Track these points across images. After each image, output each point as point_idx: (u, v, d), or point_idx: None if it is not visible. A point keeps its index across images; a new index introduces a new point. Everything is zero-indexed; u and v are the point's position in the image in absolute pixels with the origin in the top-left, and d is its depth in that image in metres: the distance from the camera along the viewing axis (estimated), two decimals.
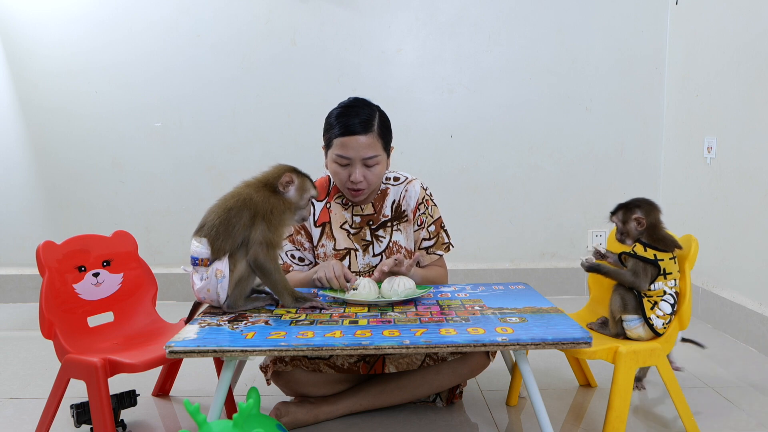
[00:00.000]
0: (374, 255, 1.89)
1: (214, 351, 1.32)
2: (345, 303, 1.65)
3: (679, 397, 1.67)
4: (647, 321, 1.64)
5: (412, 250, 1.94)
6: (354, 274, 1.79)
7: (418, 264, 1.90)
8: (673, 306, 1.65)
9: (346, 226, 1.90)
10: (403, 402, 1.86)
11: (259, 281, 1.65)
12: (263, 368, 1.84)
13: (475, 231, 3.37)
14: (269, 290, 1.66)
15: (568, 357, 2.07)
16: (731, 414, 1.86)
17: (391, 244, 1.89)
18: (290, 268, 1.91)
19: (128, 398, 1.77)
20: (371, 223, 1.91)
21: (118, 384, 1.82)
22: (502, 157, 3.33)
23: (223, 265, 1.54)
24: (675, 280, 1.66)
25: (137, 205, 3.33)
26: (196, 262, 1.57)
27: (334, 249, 1.88)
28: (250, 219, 1.55)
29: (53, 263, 1.69)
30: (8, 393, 2.07)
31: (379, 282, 1.70)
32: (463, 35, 3.25)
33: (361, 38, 3.24)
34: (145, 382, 2.02)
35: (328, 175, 1.96)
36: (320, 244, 1.90)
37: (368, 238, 1.90)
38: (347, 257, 1.89)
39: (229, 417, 1.40)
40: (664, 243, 1.66)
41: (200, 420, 1.21)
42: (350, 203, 1.91)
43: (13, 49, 3.21)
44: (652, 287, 1.65)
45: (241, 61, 3.24)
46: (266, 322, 1.48)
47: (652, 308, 1.64)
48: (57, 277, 1.70)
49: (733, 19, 2.65)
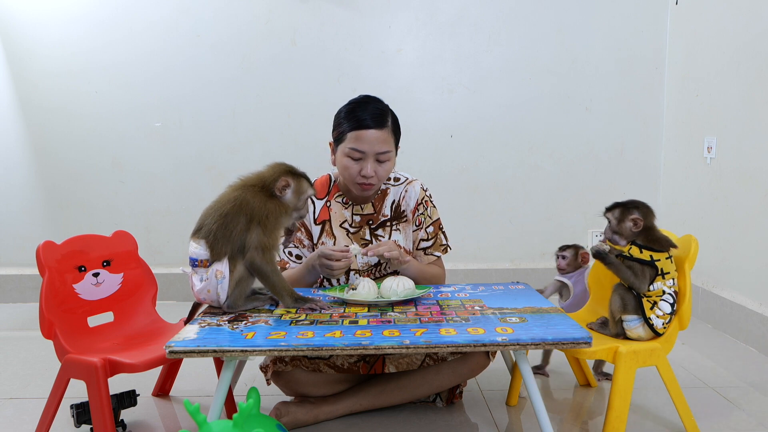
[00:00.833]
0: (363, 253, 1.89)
1: (214, 351, 1.32)
2: (345, 303, 1.65)
3: (679, 397, 1.67)
4: (647, 321, 1.64)
5: (411, 251, 1.95)
6: (354, 246, 1.79)
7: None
8: (672, 305, 1.65)
9: (346, 225, 1.91)
10: (403, 402, 1.86)
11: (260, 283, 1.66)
12: (263, 368, 1.84)
13: (475, 231, 3.37)
14: (269, 291, 1.67)
15: (568, 357, 2.07)
16: (731, 414, 1.86)
17: None
18: (287, 265, 1.92)
19: (128, 398, 1.77)
20: (371, 222, 1.91)
21: (118, 384, 1.82)
22: (502, 157, 3.33)
23: (222, 266, 1.54)
24: (673, 280, 1.66)
25: (137, 205, 3.33)
26: (195, 264, 1.57)
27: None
28: (247, 224, 1.55)
29: (53, 263, 1.69)
30: (8, 393, 2.07)
31: (379, 282, 1.70)
32: (463, 35, 3.25)
33: (361, 38, 3.24)
34: (145, 382, 2.02)
35: (329, 174, 1.97)
36: (320, 242, 1.90)
37: (367, 237, 1.90)
38: None
39: (229, 417, 1.40)
40: (660, 243, 1.66)
41: (200, 420, 1.21)
42: (350, 202, 1.92)
43: (13, 49, 3.21)
44: (651, 287, 1.65)
45: (241, 61, 3.24)
46: (266, 322, 1.48)
47: (652, 308, 1.64)
48: (57, 277, 1.69)
49: (733, 19, 2.65)
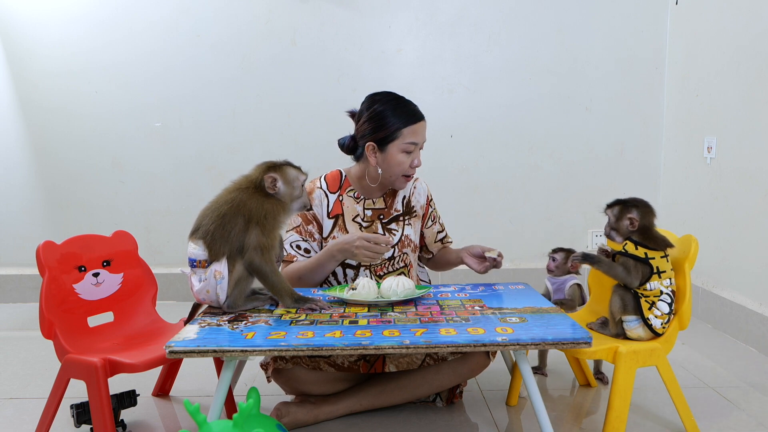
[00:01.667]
0: (391, 245, 1.90)
1: (214, 351, 1.32)
2: (345, 303, 1.66)
3: (679, 397, 1.67)
4: (645, 321, 1.64)
5: (417, 245, 2.03)
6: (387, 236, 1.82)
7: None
8: (670, 305, 1.65)
9: (358, 219, 1.93)
10: (403, 402, 1.87)
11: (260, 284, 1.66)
12: (263, 366, 1.85)
13: (475, 231, 3.36)
14: (268, 291, 1.67)
15: (568, 357, 2.08)
16: (731, 414, 1.86)
17: (403, 238, 1.94)
18: (294, 259, 1.91)
19: (128, 398, 1.77)
20: (381, 216, 1.94)
21: (118, 384, 1.82)
22: (502, 157, 3.33)
23: (221, 267, 1.55)
24: (670, 279, 1.66)
25: (137, 205, 3.33)
26: (194, 264, 1.57)
27: None
28: (245, 224, 1.55)
29: (53, 263, 1.69)
30: (8, 393, 2.07)
31: (379, 282, 1.71)
32: (463, 35, 3.25)
33: (361, 38, 3.24)
34: (145, 382, 2.02)
35: (339, 170, 1.99)
36: (332, 236, 1.91)
37: (380, 231, 1.93)
38: None
39: (229, 417, 1.40)
40: (655, 242, 1.67)
41: (200, 420, 1.21)
42: (362, 197, 1.95)
43: (13, 49, 3.21)
44: (649, 287, 1.65)
45: (241, 61, 3.24)
46: (266, 322, 1.48)
47: (650, 308, 1.64)
48: (57, 277, 1.69)
49: (733, 19, 2.65)
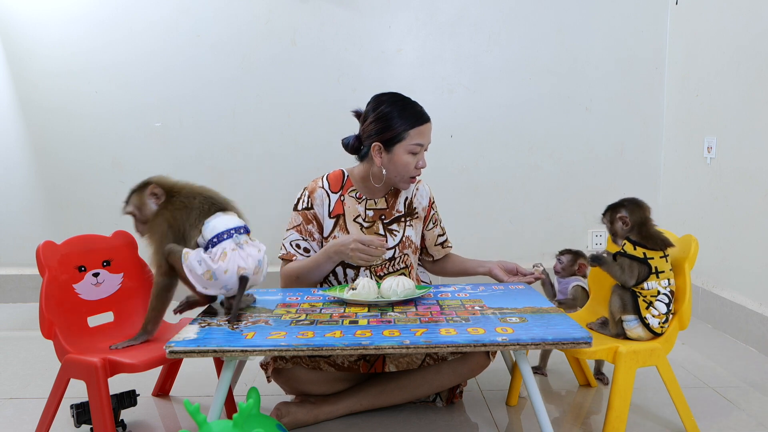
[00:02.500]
0: (388, 248, 1.91)
1: (214, 351, 1.32)
2: (345, 303, 1.66)
3: (679, 397, 1.67)
4: (643, 321, 1.65)
5: (418, 246, 2.03)
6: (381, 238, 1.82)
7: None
8: (668, 305, 1.65)
9: (359, 220, 1.93)
10: (403, 402, 1.87)
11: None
12: (263, 366, 1.85)
13: (475, 231, 3.36)
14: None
15: (568, 357, 2.08)
16: (731, 414, 1.86)
17: (404, 239, 1.94)
18: (293, 258, 1.92)
19: (128, 398, 1.77)
20: (383, 217, 1.94)
21: (118, 384, 1.82)
22: (502, 157, 3.33)
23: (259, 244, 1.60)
24: (668, 280, 1.66)
25: None
26: (241, 231, 1.60)
27: None
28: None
29: (53, 263, 1.69)
30: (8, 393, 2.07)
31: (379, 282, 1.71)
32: (463, 35, 3.25)
33: (361, 38, 3.24)
34: (145, 382, 2.02)
35: (341, 170, 1.99)
36: (332, 235, 1.91)
37: (381, 231, 1.93)
38: None
39: (229, 417, 1.40)
40: (654, 241, 1.66)
41: (200, 420, 1.21)
42: (363, 197, 1.94)
43: (13, 49, 3.21)
44: (646, 286, 1.65)
45: (241, 61, 3.24)
46: (266, 322, 1.48)
47: (647, 308, 1.65)
48: (57, 277, 1.69)
49: (733, 19, 2.65)
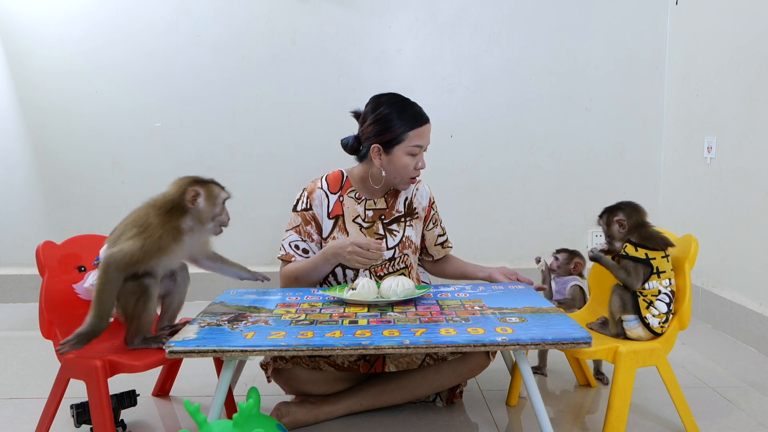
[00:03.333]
0: (387, 248, 1.91)
1: (214, 351, 1.32)
2: (345, 303, 1.66)
3: (679, 397, 1.67)
4: (643, 320, 1.65)
5: (418, 246, 2.02)
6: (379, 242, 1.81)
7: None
8: (668, 305, 1.65)
9: (359, 220, 1.93)
10: (403, 402, 1.87)
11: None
12: (263, 366, 1.85)
13: (475, 231, 3.36)
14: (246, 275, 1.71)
15: (568, 357, 2.08)
16: (731, 414, 1.86)
17: (404, 239, 1.94)
18: (292, 259, 1.92)
19: (128, 398, 1.77)
20: (383, 217, 1.94)
21: (118, 384, 1.82)
22: (502, 157, 3.33)
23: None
24: (669, 279, 1.66)
25: (137, 205, 3.32)
26: (95, 264, 1.60)
27: None
28: (134, 234, 1.54)
29: (53, 263, 1.69)
30: (8, 393, 2.07)
31: (379, 282, 1.71)
32: (463, 35, 3.25)
33: (361, 38, 3.24)
34: (145, 382, 2.02)
35: (341, 170, 1.99)
36: (331, 236, 1.91)
37: (381, 232, 1.93)
38: None
39: (229, 417, 1.40)
40: (654, 241, 1.67)
41: (200, 420, 1.21)
42: (363, 198, 1.94)
43: (13, 49, 3.21)
44: (647, 286, 1.65)
45: (241, 61, 3.24)
46: (266, 322, 1.48)
47: (648, 307, 1.65)
48: (57, 277, 1.69)
49: (733, 19, 2.65)
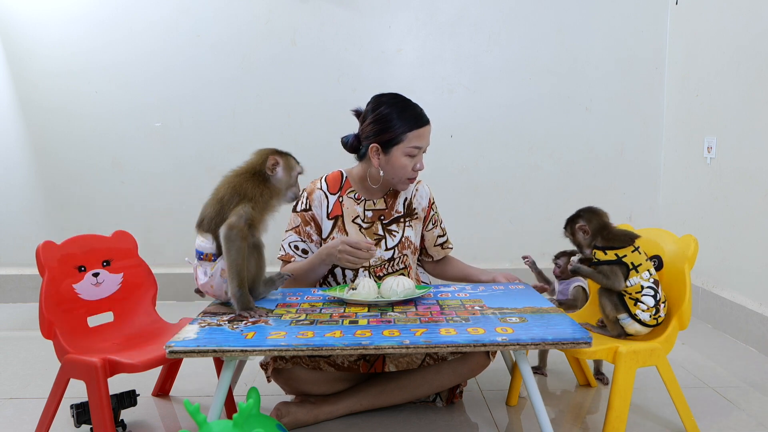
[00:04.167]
0: (387, 249, 1.91)
1: (214, 351, 1.32)
2: (345, 303, 1.66)
3: (679, 397, 1.67)
4: (634, 318, 1.66)
5: (417, 247, 2.01)
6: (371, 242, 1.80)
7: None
8: (655, 297, 1.65)
9: (358, 221, 1.92)
10: (403, 402, 1.87)
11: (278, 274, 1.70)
12: (263, 365, 1.85)
13: (475, 231, 3.37)
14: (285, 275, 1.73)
15: (568, 357, 2.08)
16: (731, 414, 1.86)
17: (403, 239, 1.93)
18: (292, 259, 1.92)
19: (128, 398, 1.77)
20: (382, 218, 1.94)
21: (118, 384, 1.82)
22: (502, 157, 3.33)
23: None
24: (648, 271, 1.66)
25: (137, 205, 3.33)
26: (201, 257, 1.59)
27: None
28: (238, 203, 1.57)
29: (53, 263, 1.69)
30: (8, 393, 2.07)
31: (379, 282, 1.71)
32: (463, 35, 3.25)
33: (361, 38, 3.24)
34: (145, 382, 2.02)
35: (340, 171, 1.99)
36: (331, 237, 1.91)
37: (380, 232, 1.92)
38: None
39: (229, 417, 1.40)
40: (620, 240, 1.68)
41: (200, 420, 1.21)
42: (362, 198, 1.94)
43: (13, 49, 3.21)
44: (629, 284, 1.66)
45: (241, 61, 3.24)
46: (266, 322, 1.48)
47: (635, 305, 1.66)
48: (57, 277, 1.69)
49: (733, 19, 2.65)
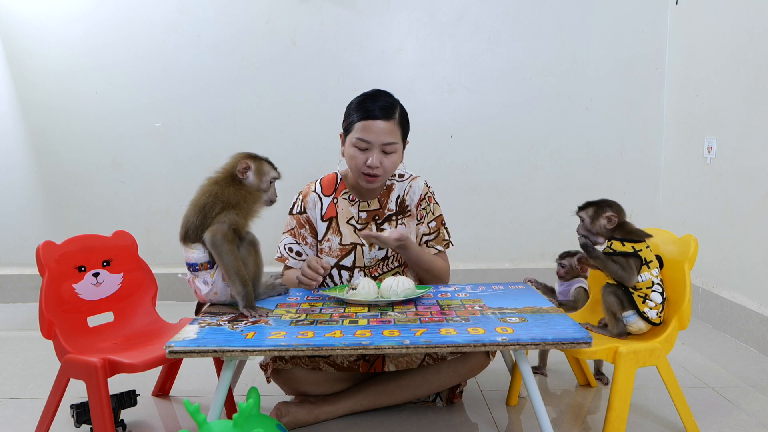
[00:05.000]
0: (380, 249, 1.90)
1: (214, 351, 1.32)
2: (345, 303, 1.66)
3: (679, 397, 1.67)
4: (642, 315, 1.67)
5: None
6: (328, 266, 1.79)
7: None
8: (662, 294, 1.68)
9: (353, 222, 1.92)
10: (403, 401, 1.87)
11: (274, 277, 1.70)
12: (263, 366, 1.85)
13: (475, 231, 3.37)
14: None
15: (568, 357, 2.08)
16: (731, 414, 1.86)
17: None
18: (286, 261, 1.93)
19: (128, 398, 1.77)
20: (377, 218, 1.92)
21: (118, 384, 1.82)
22: (502, 157, 3.33)
23: None
24: (657, 269, 1.70)
25: (137, 205, 3.33)
26: (197, 268, 1.58)
27: (340, 244, 1.89)
28: (222, 209, 1.58)
29: (53, 263, 1.69)
30: (8, 393, 2.06)
31: (379, 282, 1.71)
32: (463, 35, 3.25)
33: (361, 38, 3.24)
34: (145, 382, 2.02)
35: (336, 172, 1.99)
36: (326, 238, 1.91)
37: (374, 231, 1.91)
38: (353, 252, 1.89)
39: (229, 417, 1.40)
40: (637, 235, 1.70)
41: (200, 420, 1.21)
42: (357, 199, 1.93)
43: (13, 49, 3.21)
44: (640, 278, 1.67)
45: (241, 61, 3.24)
46: (266, 322, 1.48)
47: (644, 302, 1.67)
48: (57, 277, 1.69)
49: (733, 19, 2.65)
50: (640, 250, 1.67)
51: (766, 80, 2.43)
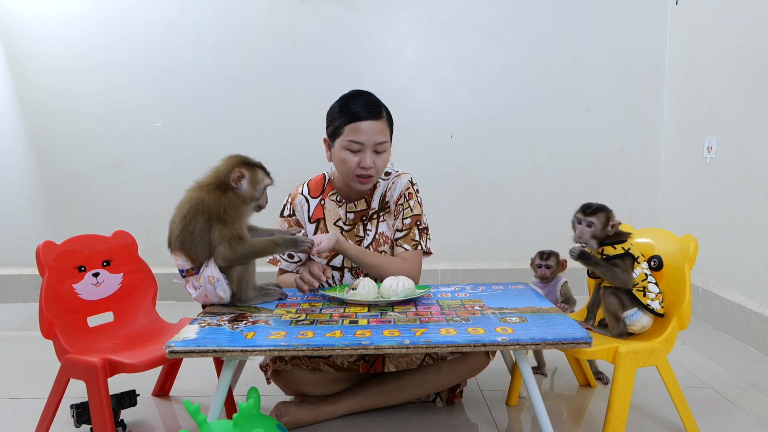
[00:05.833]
0: (365, 248, 1.89)
1: (214, 351, 1.32)
2: (345, 303, 1.66)
3: (679, 397, 1.67)
4: (646, 308, 1.67)
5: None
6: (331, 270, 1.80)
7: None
8: (656, 284, 1.71)
9: (340, 223, 1.91)
10: (403, 402, 1.87)
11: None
12: (263, 367, 1.84)
13: (475, 231, 3.36)
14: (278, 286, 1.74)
15: (568, 357, 2.08)
16: (731, 414, 1.86)
17: (377, 236, 1.89)
18: (279, 264, 1.94)
19: (128, 398, 1.77)
20: (364, 218, 1.92)
21: (118, 384, 1.82)
22: (502, 157, 3.33)
23: (213, 271, 1.56)
24: (645, 261, 1.72)
25: (137, 205, 3.33)
26: (183, 274, 1.61)
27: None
28: (206, 222, 1.56)
29: (53, 263, 1.69)
30: (8, 393, 2.06)
31: (379, 282, 1.71)
32: (463, 35, 3.25)
33: (361, 38, 3.24)
34: (145, 382, 2.02)
35: (324, 173, 1.98)
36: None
37: (361, 233, 1.91)
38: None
39: (229, 417, 1.40)
40: (623, 234, 1.73)
41: (200, 420, 1.21)
42: (344, 201, 1.92)
43: (13, 49, 3.21)
44: (634, 274, 1.69)
45: (241, 61, 3.24)
46: (266, 322, 1.48)
47: (645, 295, 1.67)
48: (57, 277, 1.70)
49: (733, 19, 2.65)
50: (629, 248, 1.69)
51: (766, 80, 2.43)
